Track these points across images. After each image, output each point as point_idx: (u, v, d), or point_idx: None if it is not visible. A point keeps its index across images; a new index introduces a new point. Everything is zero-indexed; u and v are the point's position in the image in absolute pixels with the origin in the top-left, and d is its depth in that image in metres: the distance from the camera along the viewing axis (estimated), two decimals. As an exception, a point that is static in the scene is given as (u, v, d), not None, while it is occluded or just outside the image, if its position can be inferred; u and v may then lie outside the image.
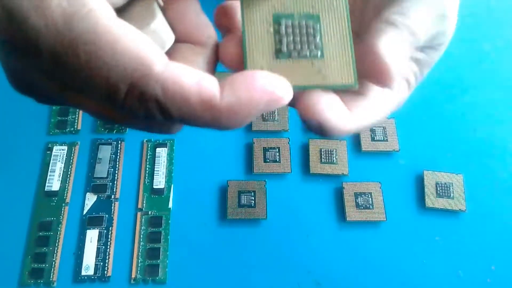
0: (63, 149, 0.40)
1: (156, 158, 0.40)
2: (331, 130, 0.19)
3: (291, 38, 0.19)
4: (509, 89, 0.44)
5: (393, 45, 0.19)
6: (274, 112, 0.42)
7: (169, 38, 0.20)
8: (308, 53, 0.19)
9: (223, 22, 0.21)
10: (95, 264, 0.36)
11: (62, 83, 0.17)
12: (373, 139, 0.41)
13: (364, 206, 0.38)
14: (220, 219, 0.38)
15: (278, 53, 0.19)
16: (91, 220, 0.38)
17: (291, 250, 0.37)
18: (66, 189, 0.39)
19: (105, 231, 0.37)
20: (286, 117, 0.42)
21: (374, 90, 0.21)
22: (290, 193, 0.39)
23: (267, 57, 0.19)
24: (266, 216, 0.37)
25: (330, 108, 0.19)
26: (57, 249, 0.36)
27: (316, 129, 0.19)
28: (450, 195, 0.39)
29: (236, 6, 0.20)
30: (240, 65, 0.19)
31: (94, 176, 0.39)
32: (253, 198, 0.38)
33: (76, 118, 0.42)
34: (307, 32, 0.19)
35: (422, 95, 0.44)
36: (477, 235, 0.38)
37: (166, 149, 0.40)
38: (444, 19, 0.21)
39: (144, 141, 0.41)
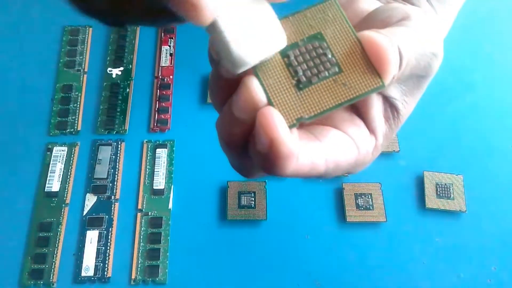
0: (63, 150, 0.40)
1: (156, 159, 0.40)
2: (280, 154, 0.17)
3: (305, 65, 0.19)
4: (509, 90, 0.44)
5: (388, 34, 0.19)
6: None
7: None
8: (327, 73, 0.19)
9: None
10: (95, 265, 0.36)
11: None
12: (373, 140, 0.41)
13: (364, 207, 0.38)
14: (220, 220, 0.38)
15: (298, 84, 0.19)
16: (91, 221, 0.38)
17: (291, 251, 0.37)
18: (66, 190, 0.39)
19: (105, 232, 0.37)
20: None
21: (330, 137, 0.21)
22: (290, 194, 0.39)
23: (291, 94, 0.19)
24: (266, 217, 0.37)
25: (284, 126, 0.18)
26: (57, 250, 0.36)
27: (262, 152, 0.18)
28: (450, 196, 0.39)
29: None
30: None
31: (94, 177, 0.39)
32: (253, 199, 0.38)
33: (76, 119, 0.42)
34: (317, 53, 0.19)
35: (422, 96, 0.44)
36: (477, 236, 0.38)
37: (166, 150, 0.40)
38: (435, 57, 0.22)
39: (144, 141, 0.41)
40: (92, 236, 0.37)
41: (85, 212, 0.38)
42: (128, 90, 0.43)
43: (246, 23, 0.18)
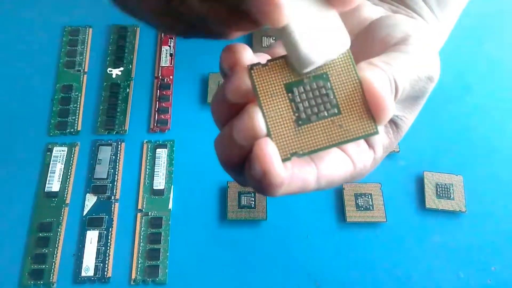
0: (63, 150, 0.40)
1: (156, 159, 0.40)
2: (270, 180, 0.18)
3: (307, 103, 0.20)
4: (509, 90, 0.44)
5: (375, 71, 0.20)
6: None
7: None
8: (326, 113, 0.20)
9: (231, 60, 0.20)
10: (95, 265, 0.36)
11: None
12: (373, 140, 0.41)
13: (364, 207, 0.38)
14: (220, 220, 0.38)
15: (298, 121, 0.20)
16: (91, 221, 0.38)
17: (291, 251, 0.37)
18: (66, 190, 0.39)
19: (105, 232, 0.37)
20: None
21: (326, 158, 0.21)
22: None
23: (290, 128, 0.19)
24: (266, 217, 0.37)
25: (278, 160, 0.19)
26: (57, 250, 0.36)
27: (255, 178, 0.19)
28: (450, 196, 0.39)
29: (241, 48, 0.21)
30: None
31: (94, 177, 0.39)
32: (253, 199, 0.38)
33: (76, 119, 0.42)
34: (320, 93, 0.20)
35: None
36: (477, 236, 0.38)
37: (166, 150, 0.40)
38: (430, 81, 0.22)
39: (144, 142, 0.41)
40: (92, 236, 0.37)
41: (85, 212, 0.38)
42: (128, 90, 0.43)
43: (313, 26, 0.19)
